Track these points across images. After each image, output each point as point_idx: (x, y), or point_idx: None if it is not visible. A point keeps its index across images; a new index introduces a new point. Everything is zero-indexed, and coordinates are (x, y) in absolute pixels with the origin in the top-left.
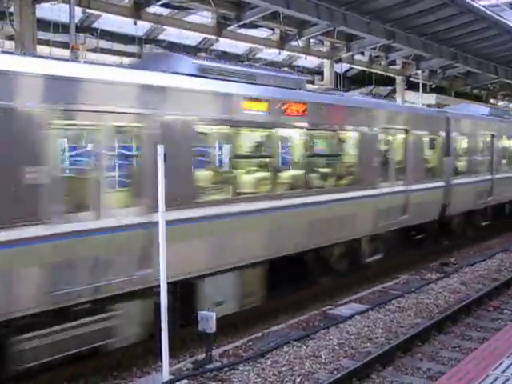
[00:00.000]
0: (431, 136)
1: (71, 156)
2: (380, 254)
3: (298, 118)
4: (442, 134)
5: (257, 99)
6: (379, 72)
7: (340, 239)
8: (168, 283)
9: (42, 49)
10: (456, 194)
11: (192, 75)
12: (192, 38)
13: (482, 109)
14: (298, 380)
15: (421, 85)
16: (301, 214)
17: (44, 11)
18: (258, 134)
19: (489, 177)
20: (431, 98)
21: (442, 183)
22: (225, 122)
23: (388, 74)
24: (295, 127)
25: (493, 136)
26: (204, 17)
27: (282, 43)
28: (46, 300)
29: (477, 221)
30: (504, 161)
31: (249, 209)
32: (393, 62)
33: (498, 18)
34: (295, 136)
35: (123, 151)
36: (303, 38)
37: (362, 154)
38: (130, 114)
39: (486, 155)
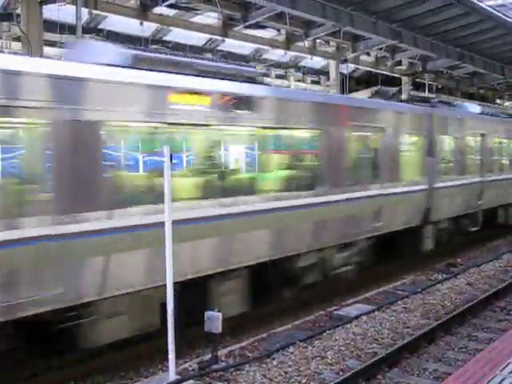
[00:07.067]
0: None
1: None
2: None
3: None
4: None
5: None
6: (385, 73)
7: None
8: None
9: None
10: None
11: None
12: (198, 38)
13: None
14: (304, 380)
15: (427, 85)
16: None
17: (51, 12)
18: None
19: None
20: None
21: None
22: None
23: (394, 75)
24: None
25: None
26: (210, 17)
27: (288, 44)
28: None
29: None
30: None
31: None
32: (399, 63)
33: (505, 17)
34: None
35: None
36: (309, 39)
37: None
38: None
39: None
